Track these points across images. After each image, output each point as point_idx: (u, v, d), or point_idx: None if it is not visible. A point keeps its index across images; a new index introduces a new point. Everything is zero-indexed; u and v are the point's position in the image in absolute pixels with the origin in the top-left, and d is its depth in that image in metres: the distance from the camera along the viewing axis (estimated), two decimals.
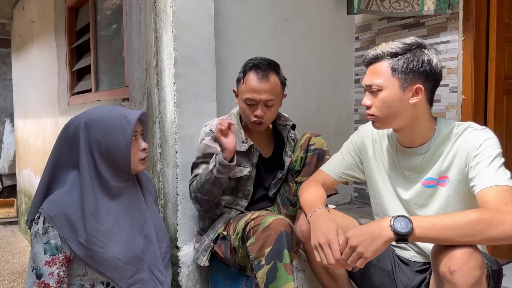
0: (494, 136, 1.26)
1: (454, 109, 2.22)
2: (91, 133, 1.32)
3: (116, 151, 1.32)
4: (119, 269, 1.31)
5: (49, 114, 3.79)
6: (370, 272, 1.46)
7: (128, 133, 1.32)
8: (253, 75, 1.59)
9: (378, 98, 1.31)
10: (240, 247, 1.53)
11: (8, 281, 3.26)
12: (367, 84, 1.33)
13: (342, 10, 2.57)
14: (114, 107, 1.40)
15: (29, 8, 4.41)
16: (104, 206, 1.32)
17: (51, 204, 1.30)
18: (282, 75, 1.66)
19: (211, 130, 1.67)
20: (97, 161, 1.32)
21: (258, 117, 1.60)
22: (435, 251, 1.15)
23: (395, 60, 1.28)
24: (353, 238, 1.14)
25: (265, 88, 1.57)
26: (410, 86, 1.28)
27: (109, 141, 1.32)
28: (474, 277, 1.05)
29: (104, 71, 2.86)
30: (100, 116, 1.34)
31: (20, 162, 5.23)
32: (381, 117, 1.32)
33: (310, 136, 1.75)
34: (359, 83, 2.71)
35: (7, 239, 4.66)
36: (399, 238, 1.11)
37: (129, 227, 1.36)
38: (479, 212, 1.09)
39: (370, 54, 1.34)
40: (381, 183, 1.48)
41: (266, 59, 1.62)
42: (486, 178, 1.17)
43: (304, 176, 1.74)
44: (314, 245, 1.26)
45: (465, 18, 2.16)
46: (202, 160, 1.65)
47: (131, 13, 2.08)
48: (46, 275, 1.27)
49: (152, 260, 1.40)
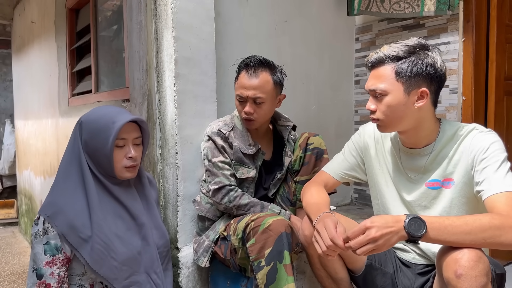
0: (499, 139, 1.25)
1: (455, 110, 2.22)
2: (83, 133, 1.36)
3: (99, 155, 1.34)
4: (113, 269, 1.31)
5: (50, 115, 3.79)
6: (372, 275, 1.45)
7: (110, 139, 1.32)
8: (243, 73, 1.64)
9: (383, 103, 1.29)
10: (240, 248, 1.53)
11: (8, 282, 3.25)
12: (371, 89, 1.31)
13: (342, 11, 2.57)
14: (112, 110, 1.40)
15: (30, 9, 4.41)
16: (103, 204, 1.33)
17: (48, 204, 1.32)
18: (279, 75, 1.66)
19: (219, 130, 1.68)
20: (88, 160, 1.35)
21: (247, 113, 1.63)
22: (440, 254, 1.14)
23: (399, 63, 1.26)
24: (375, 230, 1.10)
25: (253, 84, 1.61)
26: (415, 90, 1.26)
27: (94, 144, 1.34)
28: (481, 283, 1.05)
29: (105, 72, 2.86)
30: (94, 118, 1.37)
31: (20, 163, 5.23)
32: (386, 121, 1.31)
33: (309, 135, 1.78)
34: (359, 84, 2.71)
35: (7, 240, 4.66)
36: (411, 240, 1.11)
37: (126, 228, 1.36)
38: (491, 217, 1.09)
39: (372, 57, 1.32)
40: (383, 183, 1.47)
41: (258, 58, 1.65)
42: (494, 183, 1.17)
43: (303, 176, 1.76)
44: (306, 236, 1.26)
45: (465, 19, 2.16)
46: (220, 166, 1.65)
47: (131, 14, 2.08)
48: (47, 275, 1.27)
49: (148, 263, 1.40)
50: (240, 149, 1.68)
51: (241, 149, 1.68)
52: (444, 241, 1.10)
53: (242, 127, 1.72)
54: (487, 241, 1.07)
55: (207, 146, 1.69)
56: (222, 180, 1.63)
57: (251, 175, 1.69)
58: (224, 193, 1.63)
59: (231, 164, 1.68)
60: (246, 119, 1.66)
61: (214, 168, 1.65)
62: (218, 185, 1.63)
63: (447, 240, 1.10)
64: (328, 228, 1.21)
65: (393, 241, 1.11)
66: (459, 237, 1.08)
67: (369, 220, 1.12)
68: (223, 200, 1.63)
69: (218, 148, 1.67)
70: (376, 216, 1.15)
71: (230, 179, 1.65)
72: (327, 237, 1.19)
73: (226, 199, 1.62)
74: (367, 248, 1.11)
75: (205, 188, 1.73)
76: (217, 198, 1.64)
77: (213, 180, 1.65)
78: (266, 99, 1.63)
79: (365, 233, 1.11)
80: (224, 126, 1.71)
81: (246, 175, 1.69)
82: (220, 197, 1.63)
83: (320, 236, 1.22)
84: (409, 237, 1.10)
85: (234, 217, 1.65)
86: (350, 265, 1.46)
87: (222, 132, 1.68)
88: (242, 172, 1.68)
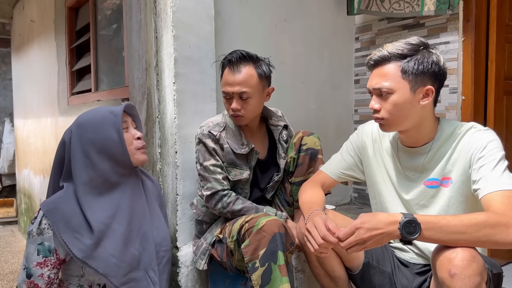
0: (497, 137, 1.25)
1: (454, 109, 2.22)
2: (83, 134, 1.35)
3: (111, 144, 1.34)
4: (112, 266, 1.31)
5: (49, 114, 3.79)
6: (370, 274, 1.45)
7: (117, 124, 1.35)
8: (227, 69, 1.62)
9: (389, 102, 1.27)
10: (236, 250, 1.52)
11: (7, 281, 3.25)
12: (376, 88, 1.29)
13: (342, 11, 2.57)
14: (100, 107, 1.43)
15: (29, 8, 4.41)
16: (103, 203, 1.33)
17: (49, 200, 1.33)
18: (264, 68, 1.62)
19: (210, 132, 1.65)
20: (96, 160, 1.33)
21: (234, 110, 1.60)
22: (435, 253, 1.14)
23: (405, 62, 1.25)
24: (363, 231, 1.10)
25: (236, 80, 1.58)
26: (420, 88, 1.26)
27: (102, 136, 1.34)
28: (475, 282, 1.05)
29: (104, 71, 2.86)
30: (87, 117, 1.38)
31: (19, 162, 5.23)
32: (390, 120, 1.30)
33: (303, 135, 1.74)
34: (359, 84, 2.71)
35: (6, 239, 4.66)
36: (405, 241, 1.11)
37: (127, 224, 1.37)
38: (486, 216, 1.09)
39: (375, 55, 1.30)
40: (381, 183, 1.47)
41: (240, 52, 1.61)
42: (491, 182, 1.17)
43: (297, 177, 1.73)
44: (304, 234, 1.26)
45: (465, 19, 2.16)
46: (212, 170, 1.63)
47: (131, 13, 2.08)
48: (36, 276, 1.28)
49: (147, 260, 1.40)
50: (233, 150, 1.65)
51: (233, 149, 1.65)
52: (439, 240, 1.11)
53: (234, 126, 1.68)
54: (482, 240, 1.07)
55: (198, 149, 1.66)
56: (214, 186, 1.61)
57: (244, 176, 1.67)
58: (217, 199, 1.61)
59: (223, 167, 1.65)
60: (234, 115, 1.62)
61: (206, 172, 1.63)
62: (211, 191, 1.61)
63: (442, 239, 1.10)
64: (318, 226, 1.21)
65: (383, 242, 1.12)
66: (453, 236, 1.08)
67: (360, 219, 1.12)
68: (216, 206, 1.61)
69: (209, 151, 1.63)
70: (369, 214, 1.15)
71: (222, 184, 1.62)
72: (318, 236, 1.20)
73: (220, 205, 1.61)
74: (356, 249, 1.12)
75: (201, 191, 1.69)
76: (211, 204, 1.62)
77: (205, 185, 1.63)
78: (252, 94, 1.59)
79: (354, 233, 1.11)
80: (215, 126, 1.66)
81: (239, 177, 1.66)
82: (213, 203, 1.62)
83: (312, 235, 1.23)
84: (403, 239, 1.10)
85: (230, 220, 1.64)
86: (347, 263, 1.46)
87: (212, 134, 1.64)
88: (235, 174, 1.66)
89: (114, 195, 1.36)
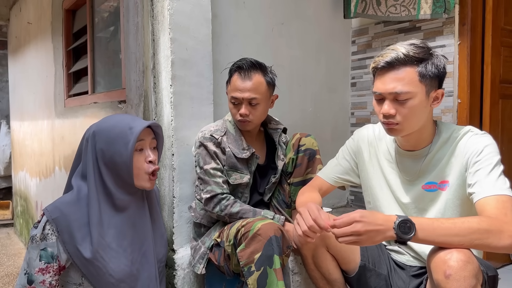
0: (494, 141, 1.26)
1: (450, 113, 2.23)
2: (97, 143, 1.30)
3: (118, 162, 1.29)
4: (110, 286, 1.28)
5: (46, 116, 3.78)
6: (366, 277, 1.45)
7: (130, 144, 1.27)
8: (236, 75, 1.64)
9: (406, 106, 1.23)
10: (233, 254, 1.52)
11: (2, 284, 3.24)
12: (393, 92, 1.23)
13: (339, 14, 2.58)
14: (126, 117, 1.36)
15: (26, 10, 4.40)
16: (106, 219, 1.29)
17: (54, 208, 1.28)
18: (270, 76, 1.67)
19: (212, 135, 1.66)
20: (103, 171, 1.30)
21: (243, 115, 1.63)
22: (430, 255, 1.15)
23: (421, 65, 1.22)
24: (361, 225, 1.10)
25: (247, 86, 1.61)
26: (433, 91, 1.26)
27: (112, 152, 1.29)
28: (470, 284, 1.05)
29: (101, 73, 2.86)
30: (107, 126, 1.32)
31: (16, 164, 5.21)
32: (405, 124, 1.26)
33: (300, 136, 1.78)
34: (355, 87, 2.72)
35: (2, 242, 4.64)
36: (399, 241, 1.12)
37: (128, 243, 1.33)
38: (479, 219, 1.10)
39: (389, 57, 1.23)
40: (377, 187, 1.47)
41: (250, 60, 1.65)
42: (486, 186, 1.17)
43: (296, 177, 1.76)
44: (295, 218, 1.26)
45: (461, 22, 2.17)
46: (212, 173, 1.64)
47: (128, 15, 2.08)
48: (37, 283, 1.25)
49: (146, 280, 1.37)
50: (234, 154, 1.66)
51: (234, 153, 1.66)
52: (433, 241, 1.12)
53: (235, 131, 1.70)
54: (475, 243, 1.08)
55: (198, 152, 1.67)
56: (213, 189, 1.62)
57: (244, 180, 1.68)
58: (216, 202, 1.62)
59: (224, 171, 1.66)
60: (242, 120, 1.65)
61: (206, 175, 1.64)
62: (210, 194, 1.62)
63: (436, 241, 1.11)
64: (311, 210, 1.21)
65: (377, 240, 1.12)
66: (447, 238, 1.09)
67: (359, 213, 1.12)
68: (214, 209, 1.62)
69: (210, 154, 1.65)
70: (368, 211, 1.16)
71: (222, 187, 1.63)
72: (309, 218, 1.20)
73: (218, 208, 1.61)
74: (349, 239, 1.12)
75: (199, 194, 1.70)
76: (209, 207, 1.63)
77: (205, 188, 1.64)
78: (261, 100, 1.64)
79: (352, 224, 1.11)
80: (216, 131, 1.69)
81: (239, 181, 1.67)
82: (212, 206, 1.62)
83: (302, 217, 1.22)
84: (397, 239, 1.11)
85: (228, 223, 1.64)
86: (343, 266, 1.46)
87: (214, 137, 1.66)
88: (235, 178, 1.67)
89: (118, 211, 1.32)
